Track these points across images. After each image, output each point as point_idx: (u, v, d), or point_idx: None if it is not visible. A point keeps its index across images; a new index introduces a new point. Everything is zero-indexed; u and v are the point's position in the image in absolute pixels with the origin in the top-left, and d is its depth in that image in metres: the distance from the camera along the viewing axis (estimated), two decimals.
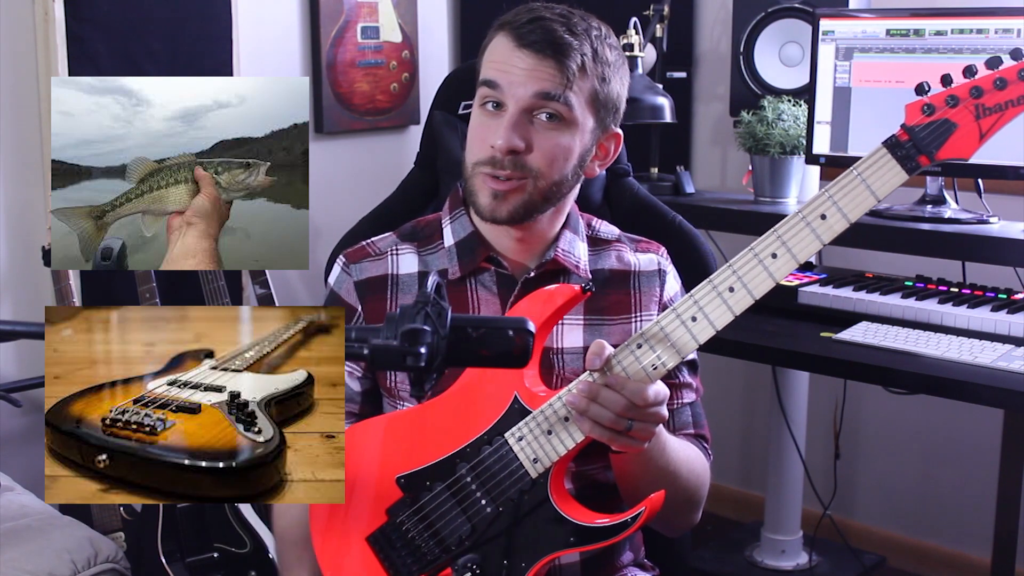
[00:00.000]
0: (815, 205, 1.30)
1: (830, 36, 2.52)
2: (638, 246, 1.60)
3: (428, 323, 1.01)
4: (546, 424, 1.37)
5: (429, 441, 1.44)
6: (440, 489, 1.42)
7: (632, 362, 1.35)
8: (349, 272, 1.55)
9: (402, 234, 1.58)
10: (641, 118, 2.72)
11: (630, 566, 1.61)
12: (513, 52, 1.42)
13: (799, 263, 1.32)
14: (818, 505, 3.01)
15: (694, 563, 3.04)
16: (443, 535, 1.42)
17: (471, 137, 1.47)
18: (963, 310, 2.15)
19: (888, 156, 1.27)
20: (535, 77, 1.41)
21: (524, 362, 1.07)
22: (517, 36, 1.42)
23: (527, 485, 1.38)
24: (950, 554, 3.02)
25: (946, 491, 3.01)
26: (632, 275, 1.56)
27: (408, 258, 1.55)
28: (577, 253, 1.54)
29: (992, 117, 1.23)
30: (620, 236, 1.60)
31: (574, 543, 1.38)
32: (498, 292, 1.52)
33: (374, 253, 1.56)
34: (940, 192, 2.49)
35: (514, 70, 1.42)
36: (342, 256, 1.57)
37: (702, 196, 2.88)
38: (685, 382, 1.56)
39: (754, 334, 2.24)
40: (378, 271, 1.54)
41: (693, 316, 1.33)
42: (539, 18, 1.43)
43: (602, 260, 1.56)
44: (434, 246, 1.56)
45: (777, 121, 2.67)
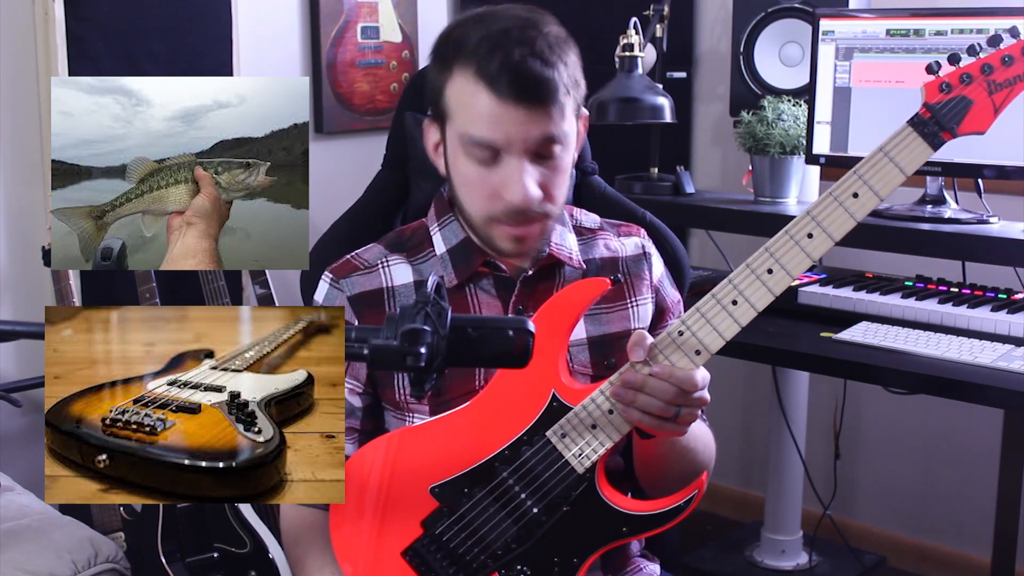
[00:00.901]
0: (846, 185, 1.33)
1: (830, 36, 2.52)
2: (619, 230, 1.61)
3: (428, 323, 1.01)
4: (589, 419, 1.37)
5: (460, 449, 1.42)
6: (481, 495, 1.40)
7: (674, 350, 1.36)
8: (340, 287, 1.51)
9: (389, 244, 1.55)
10: (641, 118, 2.71)
11: (638, 556, 1.63)
12: (499, 107, 1.36)
13: (835, 241, 1.35)
14: (818, 505, 3.01)
15: (694, 563, 3.04)
16: (488, 540, 1.40)
17: (469, 188, 1.43)
18: (963, 310, 2.15)
19: (914, 134, 1.32)
20: (533, 126, 1.37)
21: (524, 362, 1.07)
22: (496, 90, 1.35)
23: (574, 481, 1.38)
24: (950, 554, 3.02)
25: (946, 491, 3.01)
26: (620, 261, 1.57)
27: (401, 268, 1.52)
28: (568, 245, 1.54)
29: (1003, 92, 1.32)
30: (602, 223, 1.61)
31: (627, 533, 1.39)
32: (498, 295, 1.51)
33: (363, 266, 1.52)
34: (940, 192, 2.49)
35: (509, 126, 1.37)
36: (328, 272, 1.53)
37: (702, 196, 2.87)
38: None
39: (754, 334, 2.23)
40: (372, 284, 1.51)
41: (734, 300, 1.36)
42: (508, 59, 1.35)
43: (591, 250, 1.57)
44: (425, 254, 1.53)
45: (777, 121, 2.67)
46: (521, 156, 1.38)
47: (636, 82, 2.72)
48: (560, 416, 1.39)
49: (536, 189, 1.39)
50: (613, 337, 1.52)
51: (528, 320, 1.08)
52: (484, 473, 1.41)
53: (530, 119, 1.37)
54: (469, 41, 1.38)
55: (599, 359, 1.50)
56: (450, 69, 1.40)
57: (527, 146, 1.38)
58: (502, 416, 1.41)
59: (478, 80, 1.36)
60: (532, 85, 1.35)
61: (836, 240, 1.34)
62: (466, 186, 1.44)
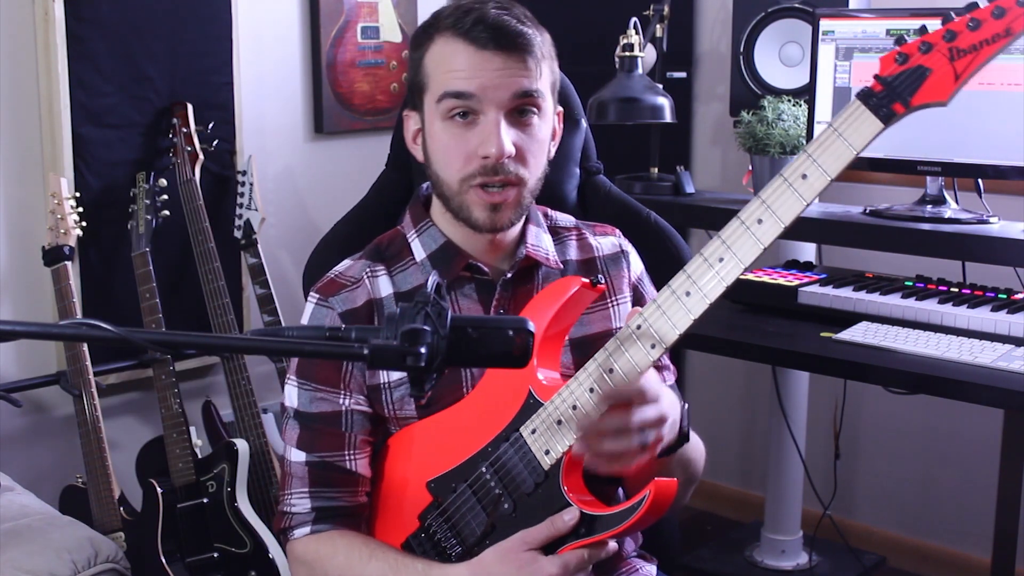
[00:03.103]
0: (796, 166, 1.28)
1: (830, 36, 2.52)
2: (595, 229, 1.61)
3: (428, 323, 1.01)
4: (556, 414, 1.37)
5: (456, 445, 1.44)
6: (462, 489, 1.43)
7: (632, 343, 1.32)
8: (329, 305, 1.48)
9: (369, 255, 1.54)
10: (641, 118, 2.71)
11: (633, 556, 1.62)
12: (476, 56, 1.38)
13: (785, 226, 1.29)
14: (818, 505, 3.01)
15: (694, 563, 3.04)
16: (464, 534, 1.43)
17: (445, 153, 1.43)
18: (963, 310, 2.15)
19: (862, 107, 1.25)
20: (510, 77, 1.39)
21: (524, 362, 1.07)
22: (472, 39, 1.39)
23: (540, 477, 1.38)
24: (950, 554, 3.02)
25: (946, 491, 3.01)
26: (598, 260, 1.57)
27: (382, 279, 1.51)
28: (544, 245, 1.55)
29: (966, 58, 1.21)
30: (577, 223, 1.61)
31: (584, 534, 1.37)
32: (479, 299, 1.51)
33: (350, 283, 1.50)
34: (940, 192, 2.49)
35: (486, 75, 1.38)
36: (314, 293, 1.50)
37: (702, 196, 2.87)
38: (665, 364, 1.58)
39: (754, 334, 2.24)
40: (361, 299, 1.49)
41: (687, 291, 1.31)
42: (484, 15, 1.39)
43: (567, 250, 1.57)
44: (404, 263, 1.52)
45: (777, 121, 2.67)
46: (498, 112, 1.39)
47: (636, 82, 2.72)
48: (533, 412, 1.39)
49: (511, 145, 1.40)
50: (595, 337, 1.52)
51: (528, 320, 1.08)
52: (469, 468, 1.43)
53: (506, 67, 1.39)
54: (444, 13, 1.43)
55: (582, 360, 1.50)
56: (429, 40, 1.44)
57: (503, 102, 1.39)
58: (490, 413, 1.43)
59: (455, 37, 1.40)
60: (507, 34, 1.39)
61: (786, 224, 1.28)
62: (443, 152, 1.44)
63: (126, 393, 2.78)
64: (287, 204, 3.09)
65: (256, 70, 2.96)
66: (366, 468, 1.50)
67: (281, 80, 3.06)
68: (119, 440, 2.71)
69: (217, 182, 2.85)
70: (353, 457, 1.48)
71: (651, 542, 1.70)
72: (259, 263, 2.74)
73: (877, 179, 2.86)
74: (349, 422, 1.48)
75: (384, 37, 3.24)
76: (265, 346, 1.08)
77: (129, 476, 2.59)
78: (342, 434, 1.48)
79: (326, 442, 1.48)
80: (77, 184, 2.60)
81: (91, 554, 1.98)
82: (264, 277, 2.73)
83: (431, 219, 1.52)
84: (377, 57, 3.23)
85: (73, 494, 2.54)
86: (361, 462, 1.49)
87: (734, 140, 2.83)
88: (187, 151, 2.69)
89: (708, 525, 3.35)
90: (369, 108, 3.22)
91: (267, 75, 3.01)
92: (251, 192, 2.78)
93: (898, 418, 3.05)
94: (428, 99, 1.44)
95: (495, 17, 1.39)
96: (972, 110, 2.26)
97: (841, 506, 3.12)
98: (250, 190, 2.79)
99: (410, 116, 1.51)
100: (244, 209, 2.78)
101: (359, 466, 1.49)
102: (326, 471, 1.48)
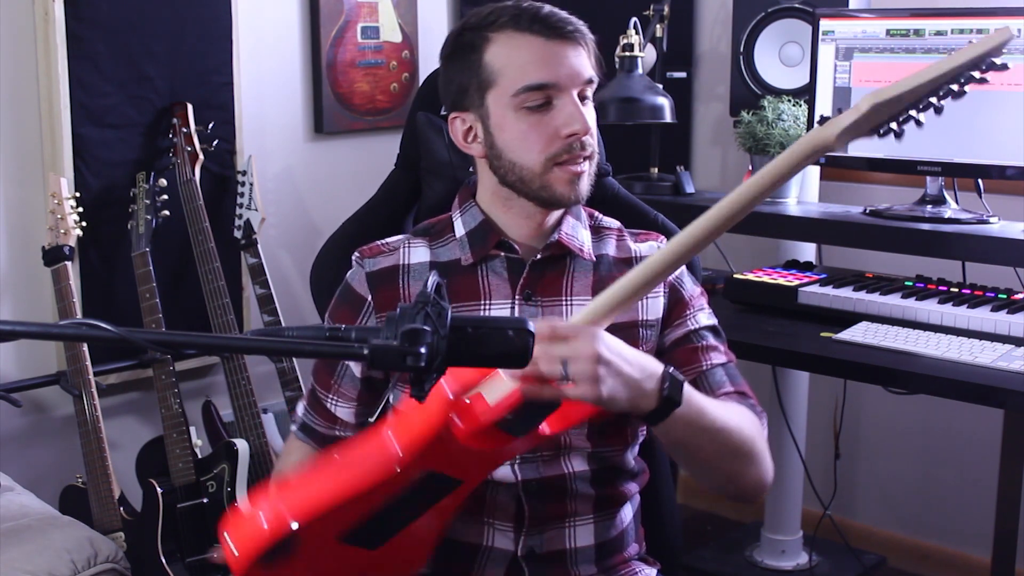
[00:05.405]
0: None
1: (830, 36, 2.52)
2: (637, 237, 1.65)
3: (428, 323, 1.01)
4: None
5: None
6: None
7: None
8: (363, 265, 1.59)
9: (415, 231, 1.63)
10: (641, 118, 2.71)
11: (635, 560, 1.63)
12: (547, 47, 1.48)
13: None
14: (818, 505, 3.01)
15: (694, 563, 3.04)
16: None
17: (524, 140, 1.49)
18: (963, 310, 2.15)
19: None
20: (580, 64, 1.49)
21: (524, 362, 1.07)
22: (538, 32, 1.48)
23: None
24: (950, 554, 3.02)
25: (946, 491, 3.01)
26: (634, 260, 1.60)
27: (420, 250, 1.59)
28: (580, 237, 1.58)
29: None
30: (621, 228, 1.66)
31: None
32: (508, 277, 1.55)
33: (387, 249, 1.60)
34: (940, 192, 2.49)
35: (560, 64, 1.48)
36: (357, 252, 1.61)
37: (702, 196, 2.87)
38: (710, 345, 1.56)
39: (754, 334, 2.24)
40: (389, 262, 1.58)
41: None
42: (538, 11, 1.49)
43: (603, 246, 1.61)
44: (445, 239, 1.60)
45: (777, 121, 2.67)
46: (573, 96, 1.49)
47: (636, 82, 2.72)
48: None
49: (589, 121, 1.50)
50: (619, 327, 1.50)
51: (528, 320, 1.08)
52: None
53: (575, 54, 1.49)
54: (496, 15, 1.51)
55: None
56: (485, 41, 1.50)
57: (576, 84, 1.49)
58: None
59: (521, 32, 1.48)
60: (567, 25, 1.50)
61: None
62: (521, 141, 1.50)
63: (126, 393, 2.78)
64: (287, 204, 3.09)
65: (256, 70, 2.96)
66: (348, 416, 1.60)
67: (281, 80, 3.06)
68: (119, 440, 2.71)
69: (217, 182, 2.85)
70: (335, 402, 1.60)
71: (655, 546, 1.69)
72: (259, 263, 2.74)
73: (877, 179, 2.86)
74: (339, 375, 1.59)
75: (384, 37, 3.24)
76: (265, 346, 1.08)
77: (129, 476, 2.59)
78: (331, 379, 1.60)
79: (320, 378, 1.61)
80: (77, 184, 2.60)
81: (91, 554, 1.98)
82: (264, 277, 2.72)
83: (475, 202, 1.60)
84: (377, 57, 3.22)
85: (73, 494, 2.54)
86: (342, 409, 1.59)
87: (734, 140, 2.83)
88: (187, 151, 2.69)
89: (708, 525, 3.35)
90: (369, 108, 3.22)
91: (267, 75, 3.01)
92: (251, 192, 2.78)
93: (898, 418, 3.05)
94: (496, 95, 1.50)
95: (550, 11, 1.50)
96: (972, 110, 2.26)
97: (841, 506, 3.12)
98: (250, 190, 2.79)
99: (458, 117, 1.56)
100: (244, 209, 2.78)
101: (339, 412, 1.60)
102: (315, 399, 1.62)
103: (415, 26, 3.30)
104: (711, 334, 1.57)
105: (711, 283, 2.51)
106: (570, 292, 1.56)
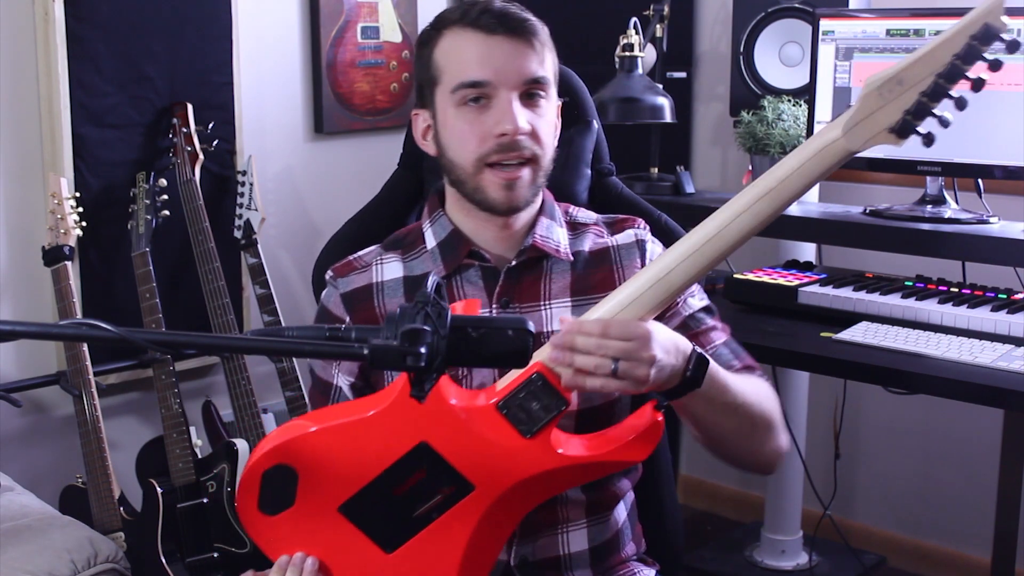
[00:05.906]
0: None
1: (830, 36, 2.52)
2: (614, 227, 1.61)
3: (428, 323, 1.01)
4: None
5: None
6: None
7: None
8: (336, 286, 1.57)
9: (386, 244, 1.61)
10: (641, 118, 2.71)
11: (633, 560, 1.62)
12: (486, 42, 1.44)
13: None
14: (818, 505, 3.01)
15: (694, 563, 3.04)
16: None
17: (460, 139, 1.47)
18: (963, 310, 2.15)
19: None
20: (520, 61, 1.45)
21: (524, 362, 1.07)
22: (481, 26, 1.44)
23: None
24: (950, 554, 3.02)
25: (946, 491, 3.01)
26: (612, 250, 1.58)
27: (392, 265, 1.57)
28: (556, 237, 1.56)
29: None
30: (597, 220, 1.63)
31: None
32: (483, 285, 1.53)
33: (360, 266, 1.58)
34: (940, 192, 2.48)
35: (497, 59, 1.44)
36: (330, 271, 1.59)
37: (702, 196, 2.87)
38: (708, 326, 1.56)
39: (754, 334, 2.24)
40: (363, 281, 1.56)
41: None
42: (489, 5, 1.46)
43: (581, 242, 1.58)
44: (417, 251, 1.57)
45: (777, 121, 2.67)
46: (510, 92, 1.44)
47: (636, 82, 2.72)
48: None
49: (525, 122, 1.44)
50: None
51: (528, 320, 1.08)
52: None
53: (516, 51, 1.44)
54: (448, 12, 1.49)
55: None
56: (437, 35, 1.49)
57: (516, 84, 1.44)
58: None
59: (464, 28, 1.46)
60: (514, 20, 1.45)
61: None
62: (458, 139, 1.47)
63: (126, 393, 2.78)
64: (287, 204, 3.09)
65: (256, 70, 2.96)
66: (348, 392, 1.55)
67: (281, 80, 3.06)
68: (119, 440, 2.71)
69: (217, 182, 2.85)
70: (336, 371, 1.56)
71: (655, 546, 1.69)
72: (259, 263, 2.74)
73: (877, 179, 2.86)
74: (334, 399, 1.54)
75: (384, 37, 3.24)
76: (265, 346, 1.08)
77: (129, 476, 2.59)
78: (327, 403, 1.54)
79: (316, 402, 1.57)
80: (77, 184, 2.60)
81: (91, 554, 1.98)
82: (264, 277, 2.72)
83: (443, 211, 1.57)
84: (377, 57, 3.23)
85: (73, 494, 2.54)
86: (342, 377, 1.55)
87: (734, 140, 2.83)
88: (187, 151, 2.69)
89: (708, 525, 3.35)
90: (369, 108, 3.22)
91: (267, 75, 3.01)
92: (251, 192, 2.78)
93: (898, 418, 3.05)
94: (440, 91, 1.48)
95: (500, 6, 1.46)
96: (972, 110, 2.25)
97: (841, 506, 3.12)
98: (250, 190, 2.79)
99: (419, 115, 1.56)
100: (244, 209, 2.78)
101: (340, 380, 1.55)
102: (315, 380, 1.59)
103: (415, 26, 3.30)
104: (706, 315, 1.57)
105: (711, 283, 2.51)
106: (548, 296, 1.54)
